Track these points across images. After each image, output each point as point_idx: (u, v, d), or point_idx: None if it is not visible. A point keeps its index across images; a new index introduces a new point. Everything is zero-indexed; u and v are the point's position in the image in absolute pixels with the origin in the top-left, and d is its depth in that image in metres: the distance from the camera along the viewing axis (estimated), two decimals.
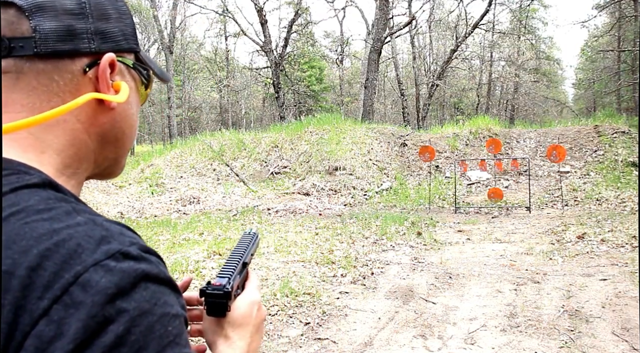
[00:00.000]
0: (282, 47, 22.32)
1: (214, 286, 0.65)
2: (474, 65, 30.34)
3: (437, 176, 12.10)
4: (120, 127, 0.61)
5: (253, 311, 0.69)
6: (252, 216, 9.09)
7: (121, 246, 0.46)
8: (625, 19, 23.14)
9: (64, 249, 0.44)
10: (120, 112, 0.61)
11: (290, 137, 13.83)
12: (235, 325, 0.67)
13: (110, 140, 0.61)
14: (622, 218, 7.85)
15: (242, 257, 0.74)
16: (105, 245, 0.46)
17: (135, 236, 0.50)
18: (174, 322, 0.46)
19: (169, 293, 0.48)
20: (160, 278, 0.47)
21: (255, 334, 0.69)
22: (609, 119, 13.44)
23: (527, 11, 27.33)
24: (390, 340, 3.62)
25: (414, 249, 6.46)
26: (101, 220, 0.49)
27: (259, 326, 0.71)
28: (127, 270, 0.45)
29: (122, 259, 0.45)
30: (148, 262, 0.47)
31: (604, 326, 3.72)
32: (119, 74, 0.60)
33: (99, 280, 0.43)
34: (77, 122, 0.57)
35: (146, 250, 0.49)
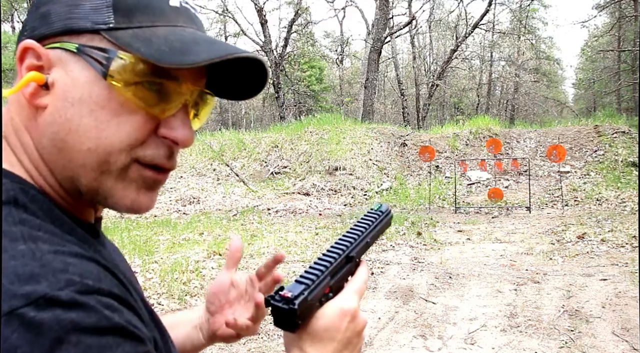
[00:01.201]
0: (282, 47, 22.33)
1: (282, 297, 0.52)
2: (474, 65, 30.35)
3: (437, 176, 12.10)
4: (55, 132, 0.46)
5: (342, 323, 0.54)
6: (252, 216, 9.09)
7: (48, 289, 0.36)
8: (625, 19, 23.14)
9: None
10: (51, 113, 0.46)
11: (290, 137, 13.83)
12: (315, 339, 0.53)
13: (52, 150, 0.47)
14: (622, 218, 7.85)
15: (347, 248, 0.57)
16: (30, 286, 0.36)
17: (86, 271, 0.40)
18: None
19: (116, 344, 0.37)
20: (100, 328, 0.37)
21: (343, 351, 0.54)
22: (609, 118, 13.44)
23: (527, 11, 27.32)
24: (390, 340, 3.62)
25: (414, 249, 6.46)
26: (47, 250, 0.39)
27: (351, 341, 0.55)
28: (50, 322, 0.34)
29: (45, 306, 0.35)
30: (83, 309, 0.36)
31: (604, 326, 3.72)
32: (57, 64, 0.46)
33: (9, 335, 0.34)
34: (20, 123, 0.47)
35: (91, 291, 0.38)
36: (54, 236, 0.42)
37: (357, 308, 0.56)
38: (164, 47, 0.46)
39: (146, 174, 0.49)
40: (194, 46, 0.47)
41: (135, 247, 6.12)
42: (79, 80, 0.46)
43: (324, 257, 0.56)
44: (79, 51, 0.46)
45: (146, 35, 0.47)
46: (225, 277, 0.74)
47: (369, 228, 0.61)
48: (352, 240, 0.59)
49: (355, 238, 0.59)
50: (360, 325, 0.56)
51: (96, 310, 0.37)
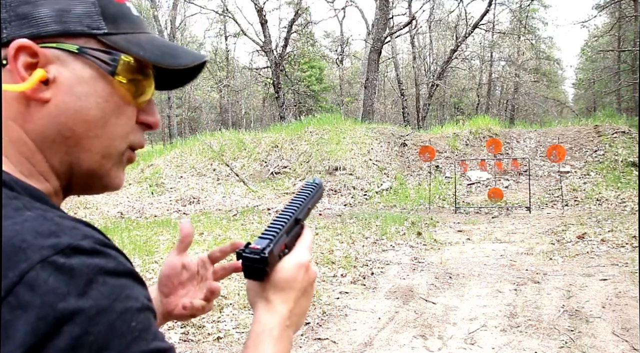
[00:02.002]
0: (282, 47, 22.33)
1: (252, 249, 0.60)
2: (474, 65, 30.35)
3: (437, 176, 12.10)
4: (62, 122, 0.52)
5: (299, 274, 0.63)
6: (252, 216, 9.09)
7: (72, 240, 0.42)
8: (625, 19, 23.14)
9: (8, 246, 0.40)
10: (58, 105, 0.52)
11: (290, 137, 13.83)
12: (277, 289, 0.62)
13: (55, 139, 0.52)
14: (622, 218, 7.85)
15: (295, 212, 0.67)
16: (53, 239, 0.42)
17: (91, 230, 0.47)
18: (138, 316, 0.43)
19: (131, 285, 0.44)
20: (119, 271, 0.44)
21: (301, 298, 0.64)
22: (609, 118, 13.44)
23: (527, 11, 27.32)
24: (390, 340, 3.62)
25: (414, 249, 6.45)
26: (52, 215, 0.45)
27: (306, 289, 0.65)
28: (80, 266, 0.41)
29: (72, 254, 0.41)
30: (103, 255, 0.44)
31: (604, 326, 3.72)
32: (55, 62, 0.51)
33: (47, 278, 0.39)
34: (8, 120, 0.51)
35: (103, 243, 0.45)
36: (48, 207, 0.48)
37: (310, 261, 0.66)
38: (156, 51, 0.57)
39: (132, 157, 0.60)
40: (176, 51, 0.59)
41: (135, 247, 6.13)
42: (84, 77, 0.53)
43: (278, 219, 0.65)
44: (80, 52, 0.53)
45: (135, 40, 0.57)
46: (176, 259, 0.77)
47: (309, 197, 0.71)
48: (298, 206, 0.68)
49: (300, 205, 0.69)
50: (313, 276, 0.66)
51: (113, 256, 0.45)
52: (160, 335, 0.46)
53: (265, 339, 0.60)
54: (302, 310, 0.65)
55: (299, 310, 0.64)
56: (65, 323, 0.39)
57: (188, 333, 3.71)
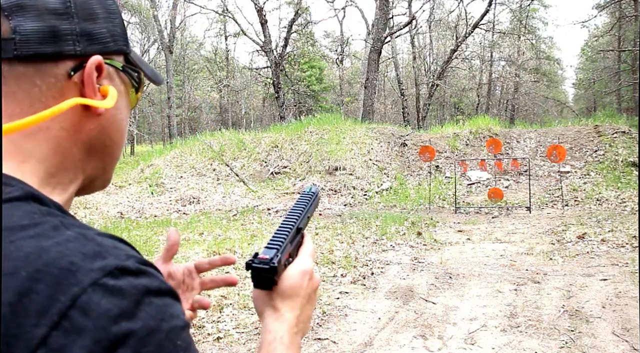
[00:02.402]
0: (282, 47, 22.32)
1: (261, 259, 0.62)
2: (474, 65, 30.35)
3: (437, 176, 12.10)
4: (108, 134, 0.57)
5: (304, 281, 0.66)
6: (252, 216, 9.09)
7: (118, 261, 0.43)
8: (625, 19, 23.14)
9: (56, 269, 0.40)
10: (108, 118, 0.56)
11: (290, 137, 13.83)
12: (284, 297, 0.64)
13: (98, 148, 0.57)
14: (622, 218, 7.85)
15: (296, 222, 0.69)
16: (100, 261, 0.42)
17: (129, 249, 0.48)
18: (182, 334, 0.44)
19: (173, 304, 0.45)
20: (162, 290, 0.44)
21: (306, 305, 0.66)
22: (609, 118, 13.44)
23: (527, 11, 27.33)
24: (390, 340, 3.62)
25: (414, 249, 6.45)
26: (92, 234, 0.46)
27: (310, 296, 0.67)
28: (128, 288, 0.42)
29: (120, 276, 0.42)
30: (148, 275, 0.44)
31: (604, 326, 3.72)
32: (107, 78, 0.56)
33: (99, 301, 0.40)
34: (61, 130, 0.52)
35: (144, 262, 0.46)
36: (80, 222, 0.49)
37: (313, 269, 0.68)
38: (149, 69, 0.63)
39: None
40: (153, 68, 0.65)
41: (135, 247, 6.12)
42: (121, 92, 0.58)
43: (282, 229, 0.67)
44: (123, 70, 0.58)
45: (139, 57, 0.62)
46: (162, 268, 0.78)
47: (307, 206, 0.74)
48: (299, 215, 0.71)
49: (300, 214, 0.71)
50: (317, 283, 0.69)
51: (156, 276, 0.45)
52: (197, 351, 0.47)
53: (277, 347, 0.61)
54: (307, 316, 0.67)
55: (304, 316, 0.66)
56: (119, 346, 0.39)
57: None
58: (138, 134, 30.76)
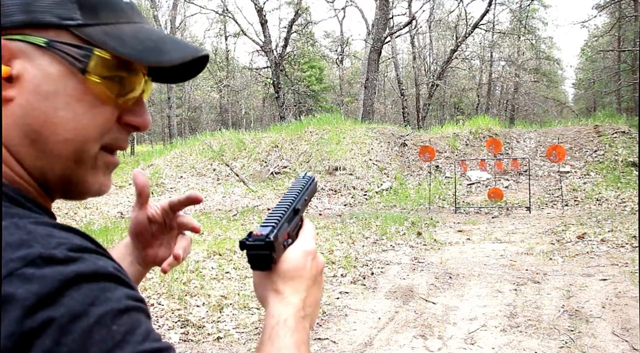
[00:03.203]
0: (282, 47, 22.32)
1: (255, 236, 0.57)
2: (474, 65, 30.35)
3: (437, 176, 12.10)
4: (28, 124, 0.47)
5: (307, 261, 0.60)
6: (252, 216, 9.09)
7: (43, 250, 0.39)
8: (625, 19, 23.14)
9: None
10: (22, 106, 0.46)
11: (290, 137, 13.83)
12: (286, 278, 0.59)
13: (22, 143, 0.47)
14: (622, 218, 7.85)
15: (293, 202, 0.65)
16: (24, 250, 0.39)
17: (69, 235, 0.43)
18: (120, 318, 0.39)
19: (113, 287, 0.41)
20: (98, 274, 0.40)
21: (312, 287, 0.61)
22: (609, 118, 13.44)
23: (527, 11, 27.32)
24: (390, 340, 3.62)
25: (414, 249, 6.45)
26: (25, 222, 0.42)
27: (316, 278, 0.62)
28: (51, 275, 0.38)
29: (43, 265, 0.38)
30: (80, 261, 0.40)
31: (604, 326, 3.72)
32: (20, 56, 0.46)
33: (14, 291, 0.36)
34: None
35: (79, 249, 0.41)
36: (26, 212, 0.45)
37: (316, 250, 0.63)
38: (138, 46, 0.50)
39: (110, 160, 0.54)
40: (163, 45, 0.52)
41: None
42: (51, 75, 0.47)
43: (277, 209, 0.63)
44: (49, 46, 0.47)
45: (115, 33, 0.50)
46: (141, 215, 0.75)
47: (304, 189, 0.70)
48: (294, 196, 0.67)
49: (296, 196, 0.67)
50: (322, 264, 0.64)
51: (91, 261, 0.41)
52: (155, 335, 0.42)
53: (280, 331, 0.56)
54: (315, 299, 0.62)
55: (312, 299, 0.61)
56: (36, 337, 0.36)
57: (188, 333, 3.72)
58: (138, 134, 30.75)
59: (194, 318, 3.93)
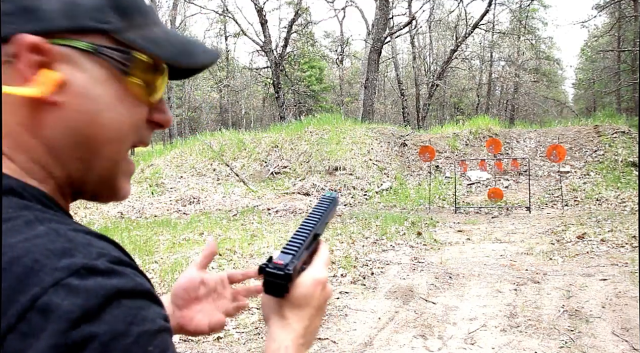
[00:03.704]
0: (282, 47, 22.33)
1: (275, 264, 0.58)
2: (474, 65, 30.35)
3: (437, 176, 12.10)
4: (77, 128, 0.48)
5: (316, 291, 0.62)
6: (252, 216, 9.09)
7: (86, 260, 0.40)
8: (625, 19, 23.14)
9: (19, 267, 0.38)
10: (72, 110, 0.47)
11: (290, 137, 13.83)
12: (294, 306, 0.60)
13: (69, 145, 0.48)
14: (622, 218, 7.85)
15: (314, 227, 0.66)
16: (67, 259, 0.39)
17: (106, 245, 0.44)
18: (155, 339, 0.40)
19: (148, 306, 0.41)
20: (137, 292, 0.41)
21: (316, 316, 0.62)
22: (609, 118, 13.44)
23: (527, 11, 27.33)
24: (390, 340, 3.62)
25: (414, 249, 6.45)
26: (66, 229, 0.42)
27: (321, 307, 0.63)
28: (94, 288, 0.38)
29: (87, 275, 0.39)
30: (120, 276, 0.41)
31: (604, 326, 3.72)
32: (66, 61, 0.47)
33: (60, 303, 0.37)
34: (16, 125, 0.46)
35: (118, 261, 0.42)
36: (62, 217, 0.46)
37: (327, 279, 0.64)
38: (173, 49, 0.53)
39: (131, 167, 0.56)
40: (190, 48, 0.55)
41: (136, 247, 6.13)
42: (97, 78, 0.49)
43: (299, 234, 0.64)
44: (94, 51, 0.48)
45: (151, 36, 0.52)
46: (196, 274, 0.76)
47: (326, 211, 0.70)
48: (317, 220, 0.67)
49: (319, 219, 0.67)
50: (329, 293, 0.65)
51: (130, 276, 0.42)
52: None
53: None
54: (315, 328, 0.63)
55: (312, 328, 0.62)
56: (79, 351, 0.36)
57: None
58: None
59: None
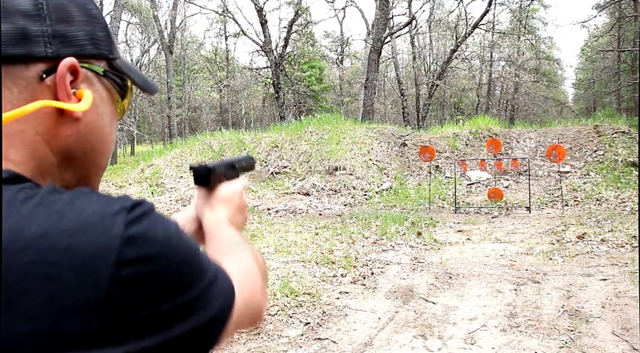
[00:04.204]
0: (282, 47, 22.31)
1: (200, 165, 0.81)
2: (474, 65, 30.33)
3: (437, 176, 12.10)
4: (88, 140, 0.56)
5: (235, 194, 0.81)
6: (252, 216, 9.09)
7: (125, 202, 0.47)
8: (625, 19, 23.13)
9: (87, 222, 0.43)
10: (87, 124, 0.55)
11: (290, 137, 13.82)
12: (219, 200, 0.78)
13: (77, 155, 0.55)
14: (622, 218, 7.85)
15: (231, 160, 0.88)
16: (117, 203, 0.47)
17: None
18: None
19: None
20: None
21: (237, 213, 0.80)
22: (609, 118, 13.43)
23: (527, 11, 27.31)
24: (390, 340, 3.62)
25: (414, 249, 6.45)
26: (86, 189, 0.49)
27: (241, 207, 0.81)
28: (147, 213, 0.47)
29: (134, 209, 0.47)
30: (143, 201, 0.49)
31: (604, 326, 3.72)
32: (85, 82, 0.55)
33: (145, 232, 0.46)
34: (35, 134, 0.51)
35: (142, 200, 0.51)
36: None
37: (243, 191, 0.84)
38: (140, 77, 0.63)
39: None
40: (146, 78, 0.66)
41: None
42: (104, 98, 0.58)
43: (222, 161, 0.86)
44: (104, 74, 0.57)
45: (128, 65, 0.62)
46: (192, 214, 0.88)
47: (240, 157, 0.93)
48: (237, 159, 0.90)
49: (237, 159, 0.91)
50: (245, 201, 0.83)
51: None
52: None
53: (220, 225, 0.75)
54: (239, 221, 0.80)
55: (236, 220, 0.79)
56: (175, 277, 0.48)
57: None
58: (138, 134, 30.75)
59: None
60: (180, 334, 0.47)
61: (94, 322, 0.41)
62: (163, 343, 0.45)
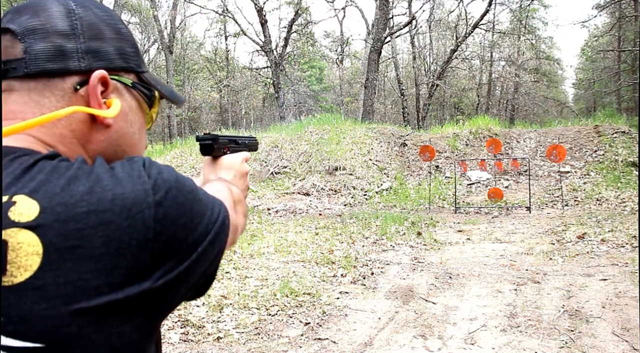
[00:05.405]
0: (282, 47, 22.31)
1: (205, 134, 0.90)
2: (474, 65, 30.31)
3: (437, 176, 12.10)
4: (118, 145, 0.63)
5: (236, 162, 0.90)
6: (252, 216, 9.09)
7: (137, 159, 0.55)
8: (625, 19, 23.13)
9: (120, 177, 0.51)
10: (117, 130, 0.62)
11: (290, 137, 13.82)
12: (222, 167, 0.89)
13: (110, 158, 0.60)
14: (622, 218, 7.85)
15: (234, 137, 0.97)
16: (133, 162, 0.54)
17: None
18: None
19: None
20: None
21: (239, 178, 0.89)
22: (609, 118, 13.43)
23: (527, 11, 27.29)
24: (390, 340, 3.62)
25: (414, 249, 6.45)
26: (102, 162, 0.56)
27: (242, 174, 0.90)
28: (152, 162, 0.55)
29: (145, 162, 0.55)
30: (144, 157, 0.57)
31: (604, 326, 3.72)
32: (114, 92, 0.62)
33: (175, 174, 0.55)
34: (73, 138, 0.58)
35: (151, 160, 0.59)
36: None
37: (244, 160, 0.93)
38: (167, 89, 0.71)
39: None
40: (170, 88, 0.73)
41: None
42: (132, 107, 0.65)
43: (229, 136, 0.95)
44: (133, 86, 0.64)
45: (154, 77, 0.69)
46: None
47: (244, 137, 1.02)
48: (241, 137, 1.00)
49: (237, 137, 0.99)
50: (246, 168, 0.92)
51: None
52: None
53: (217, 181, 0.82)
54: (241, 186, 0.88)
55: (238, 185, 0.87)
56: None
57: (188, 334, 3.71)
58: None
59: (193, 319, 3.92)
60: (204, 249, 0.55)
61: (144, 257, 0.48)
62: (194, 261, 0.53)
